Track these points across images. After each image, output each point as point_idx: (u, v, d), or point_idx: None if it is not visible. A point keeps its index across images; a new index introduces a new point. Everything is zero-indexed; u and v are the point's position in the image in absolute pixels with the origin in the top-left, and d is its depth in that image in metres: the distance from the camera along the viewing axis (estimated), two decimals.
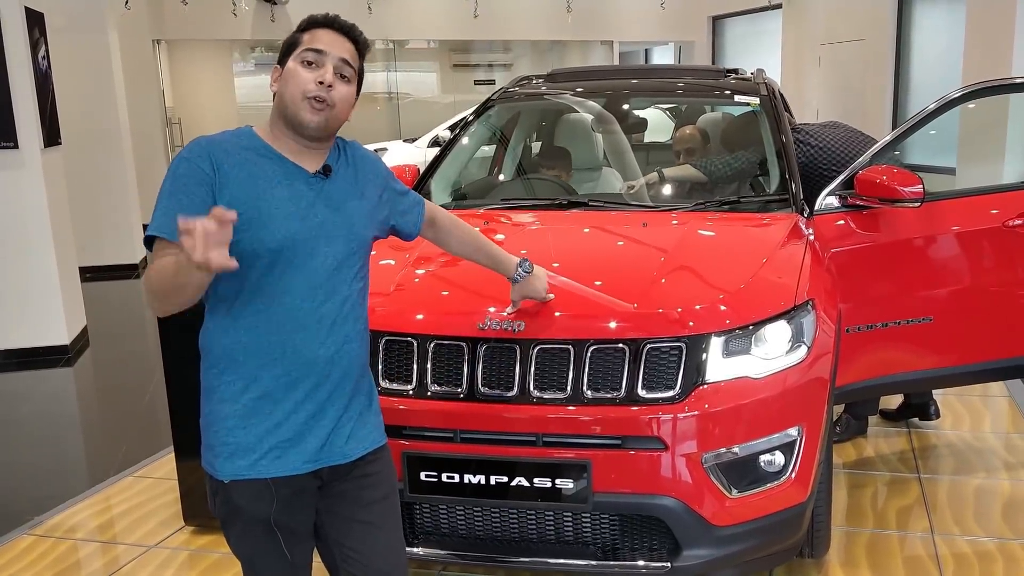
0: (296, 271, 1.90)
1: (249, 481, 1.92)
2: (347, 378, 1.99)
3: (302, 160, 1.95)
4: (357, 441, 2.02)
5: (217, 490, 1.98)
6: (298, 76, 1.91)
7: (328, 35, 1.94)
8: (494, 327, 2.56)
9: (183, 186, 1.84)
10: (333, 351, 1.94)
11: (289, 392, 1.92)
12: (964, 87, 3.73)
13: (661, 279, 2.81)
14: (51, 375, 5.96)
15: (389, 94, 13.81)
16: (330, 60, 1.92)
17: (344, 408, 1.99)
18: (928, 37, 9.50)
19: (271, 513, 1.95)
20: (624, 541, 2.61)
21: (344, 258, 1.96)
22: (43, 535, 3.61)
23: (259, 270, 1.87)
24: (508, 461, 2.55)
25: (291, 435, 1.93)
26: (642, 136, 5.73)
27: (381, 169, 2.15)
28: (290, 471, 1.94)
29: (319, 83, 1.89)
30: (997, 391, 4.87)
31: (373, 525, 2.06)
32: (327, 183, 1.96)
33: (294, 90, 1.90)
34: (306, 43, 1.93)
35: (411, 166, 4.04)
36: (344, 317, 1.97)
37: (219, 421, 1.93)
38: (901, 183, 3.31)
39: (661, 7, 13.76)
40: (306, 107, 1.90)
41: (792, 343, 2.64)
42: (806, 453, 2.63)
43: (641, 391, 2.50)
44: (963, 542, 3.35)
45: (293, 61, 1.92)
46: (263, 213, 1.86)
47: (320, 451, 1.96)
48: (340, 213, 1.96)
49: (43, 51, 6.35)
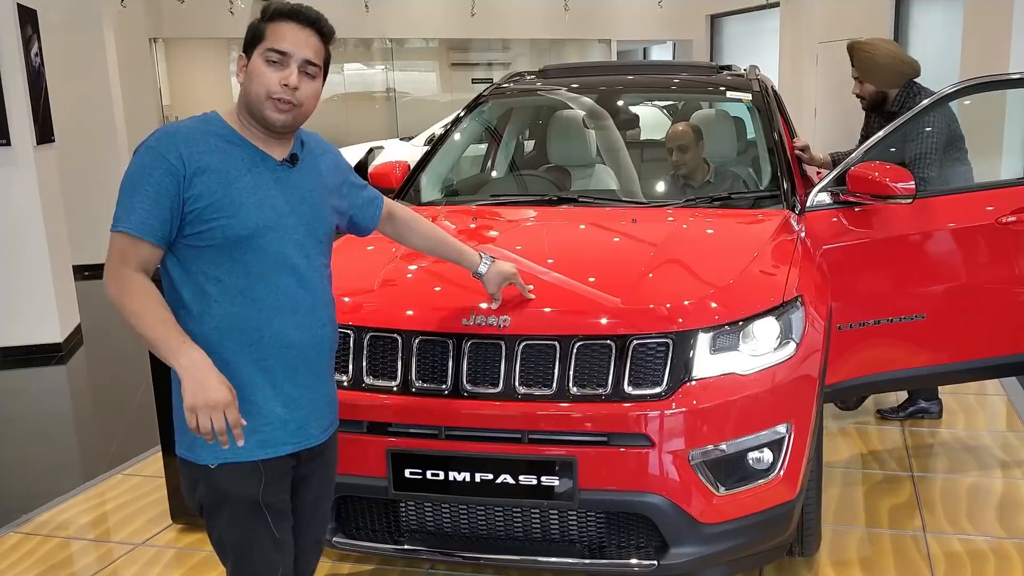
0: (267, 258, 1.92)
1: (237, 464, 1.95)
2: (322, 362, 2.06)
3: (268, 148, 1.97)
4: (328, 422, 2.12)
5: (200, 477, 1.98)
6: (263, 76, 1.90)
7: (293, 31, 1.92)
8: (479, 323, 2.54)
9: (149, 176, 1.84)
10: (309, 335, 2.00)
11: (269, 376, 1.95)
12: (958, 83, 3.71)
13: (649, 274, 2.79)
14: (44, 373, 5.94)
15: (387, 92, 13.78)
16: (295, 61, 1.91)
17: (320, 390, 2.06)
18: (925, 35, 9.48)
19: (259, 494, 1.97)
20: (611, 539, 2.59)
21: (313, 244, 2.01)
22: (31, 532, 3.58)
23: (231, 257, 1.89)
24: (493, 458, 2.52)
25: (274, 418, 1.97)
26: (637, 133, 5.71)
27: (341, 161, 2.19)
28: (276, 453, 1.98)
29: (284, 85, 1.89)
30: (992, 389, 4.85)
31: (318, 498, 2.18)
32: (293, 172, 1.99)
33: (259, 89, 1.90)
34: (270, 40, 1.91)
35: (401, 162, 4.03)
36: (317, 302, 2.02)
37: None
38: (893, 179, 3.28)
39: (659, 5, 13.74)
40: (271, 106, 1.91)
41: (781, 339, 2.62)
42: (794, 450, 2.61)
43: (628, 387, 2.48)
44: (956, 541, 3.33)
45: (258, 58, 1.91)
46: (234, 201, 1.88)
47: (299, 431, 2.02)
48: (307, 201, 2.00)
49: (36, 48, 6.32)
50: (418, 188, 3.85)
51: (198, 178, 1.85)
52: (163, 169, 1.84)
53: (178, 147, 1.86)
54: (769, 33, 12.94)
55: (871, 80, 4.16)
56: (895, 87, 4.14)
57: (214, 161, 1.88)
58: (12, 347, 6.11)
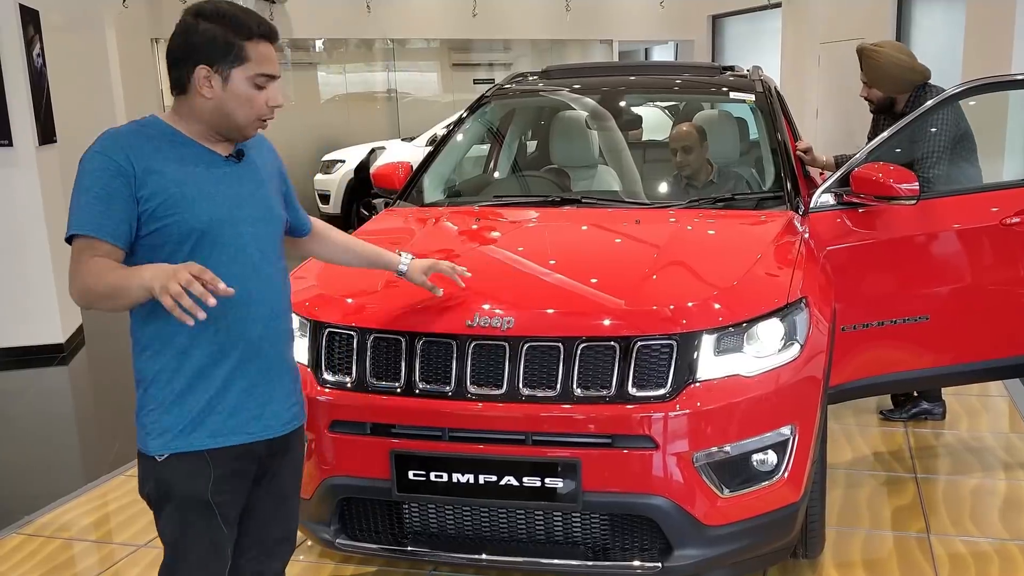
0: (222, 251, 1.94)
1: (184, 455, 1.96)
2: (277, 353, 2.07)
3: (212, 146, 2.00)
4: (289, 415, 2.11)
5: (149, 469, 1.99)
6: (254, 101, 1.95)
7: (269, 51, 1.97)
8: (483, 324, 2.53)
9: (99, 179, 1.86)
10: (263, 327, 2.01)
11: (221, 369, 1.97)
12: (962, 83, 3.69)
13: (653, 276, 2.78)
14: (46, 373, 5.94)
15: (388, 93, 13.77)
16: (276, 81, 1.97)
17: (277, 382, 2.06)
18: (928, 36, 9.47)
19: (208, 490, 1.97)
20: (615, 541, 2.58)
21: (266, 237, 2.04)
22: (33, 534, 3.58)
23: (185, 252, 1.90)
24: (497, 460, 2.52)
25: (226, 409, 1.98)
26: (640, 134, 5.71)
27: (280, 163, 2.22)
28: (226, 443, 1.98)
29: (271, 107, 1.97)
30: (996, 391, 4.84)
31: (284, 496, 2.18)
32: (240, 166, 2.02)
33: (247, 112, 1.95)
34: (258, 64, 1.94)
35: (404, 163, 4.02)
36: (272, 295, 2.04)
37: (153, 401, 1.98)
38: (897, 180, 3.28)
39: (661, 6, 13.73)
40: (257, 125, 1.99)
41: (785, 341, 2.61)
42: (799, 452, 2.60)
43: (632, 389, 2.47)
44: (959, 543, 3.32)
45: (244, 81, 1.93)
46: (186, 197, 1.90)
47: (253, 422, 2.02)
48: (257, 196, 2.03)
49: (38, 49, 6.32)
50: (421, 189, 3.85)
51: (148, 177, 1.87)
52: (112, 171, 1.85)
53: (125, 149, 1.88)
54: (771, 33, 12.93)
55: (878, 87, 4.15)
56: (903, 93, 4.13)
57: (162, 160, 1.90)
58: (14, 347, 6.11)
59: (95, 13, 8.56)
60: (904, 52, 4.24)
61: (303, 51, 13.34)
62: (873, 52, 4.14)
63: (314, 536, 2.81)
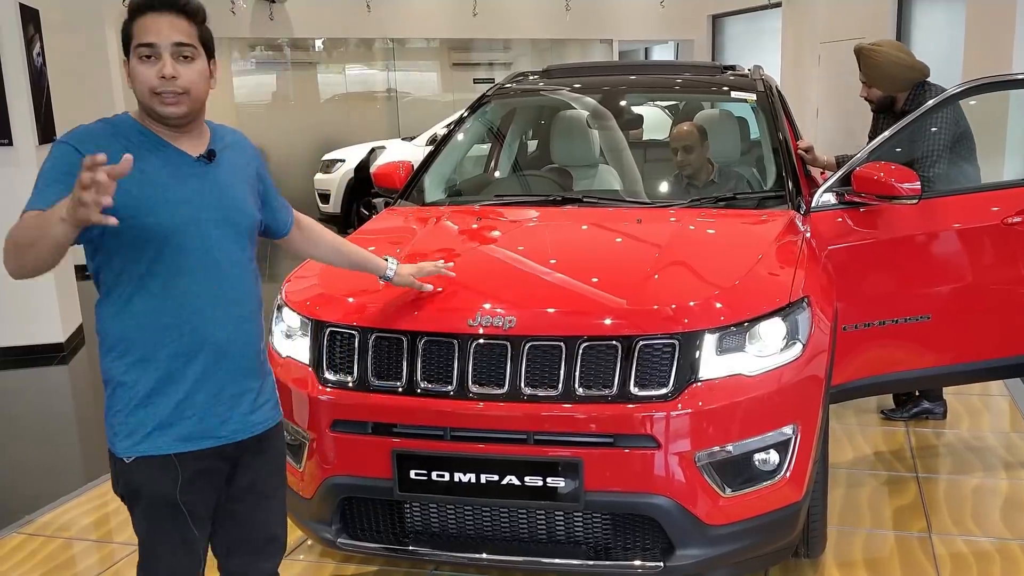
0: (188, 254, 1.91)
1: (151, 458, 1.95)
2: (245, 357, 2.04)
3: (181, 144, 1.96)
4: (260, 417, 2.08)
5: (120, 470, 1.99)
6: (140, 74, 1.88)
7: (154, 20, 1.88)
8: (485, 323, 2.53)
9: (63, 168, 1.82)
10: (230, 330, 1.98)
11: (188, 371, 1.95)
12: (963, 83, 3.69)
13: (655, 275, 2.78)
14: (46, 373, 5.93)
15: (388, 92, 13.77)
16: (164, 50, 1.88)
17: (245, 385, 2.04)
18: (928, 35, 9.46)
19: (176, 491, 1.96)
20: (617, 540, 2.58)
21: (235, 239, 2.00)
22: (33, 533, 3.58)
23: (151, 254, 1.88)
24: (499, 459, 2.51)
25: (195, 413, 1.96)
26: (640, 133, 5.70)
27: (259, 161, 2.19)
28: (195, 447, 1.97)
29: (162, 78, 1.87)
30: (996, 390, 4.83)
31: (265, 496, 2.15)
32: (211, 167, 1.98)
33: (142, 88, 1.89)
34: (137, 36, 1.89)
35: (405, 163, 4.02)
36: (239, 297, 2.01)
37: (120, 402, 1.96)
38: (899, 179, 3.28)
39: (661, 5, 13.72)
40: (158, 102, 1.89)
41: (787, 340, 2.61)
42: (801, 452, 2.60)
43: (634, 388, 2.47)
44: (961, 542, 3.32)
45: (133, 57, 1.89)
46: (152, 198, 1.87)
47: (221, 426, 2.00)
48: (226, 197, 1.99)
49: (38, 48, 6.31)
50: (421, 188, 3.85)
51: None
52: (77, 161, 1.78)
53: (95, 143, 1.84)
54: (771, 33, 12.92)
55: (878, 86, 4.15)
56: (903, 92, 4.13)
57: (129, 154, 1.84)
58: (14, 347, 6.10)
59: (95, 12, 8.55)
60: (903, 51, 4.24)
61: (303, 51, 13.34)
62: (872, 52, 4.14)
63: (315, 536, 2.81)
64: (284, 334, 2.86)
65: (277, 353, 2.86)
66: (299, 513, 2.81)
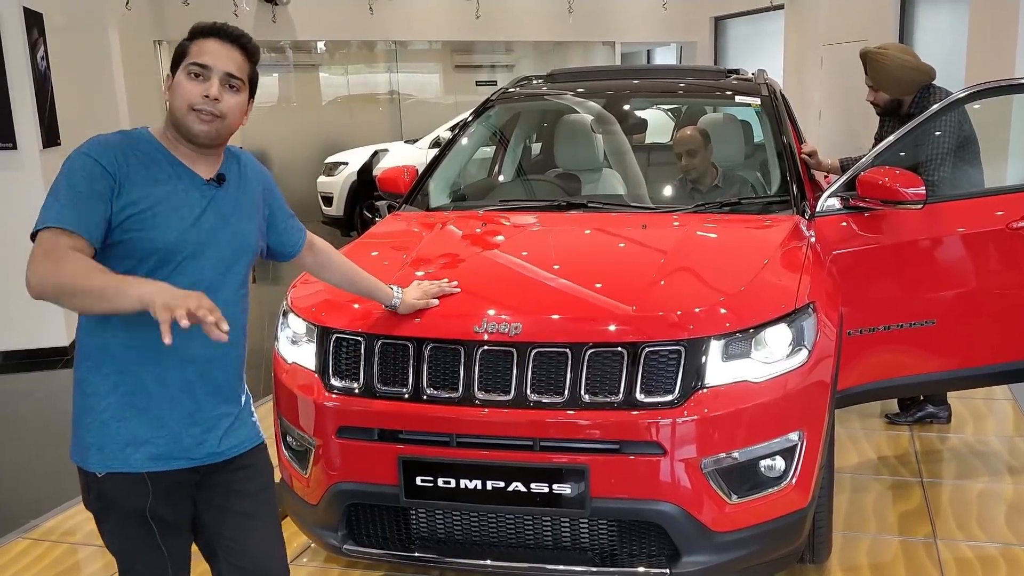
0: (181, 273, 1.92)
1: (123, 475, 1.94)
2: (225, 379, 2.03)
3: (196, 166, 1.98)
4: (238, 438, 2.07)
5: (90, 483, 1.98)
6: (183, 88, 1.92)
7: (215, 46, 1.94)
8: (491, 330, 2.53)
9: (84, 179, 1.84)
10: (213, 351, 1.96)
11: (167, 389, 1.94)
12: (969, 87, 3.69)
13: (660, 281, 2.78)
14: (50, 376, 5.93)
15: (390, 95, 13.77)
16: (215, 74, 1.93)
17: (222, 408, 2.03)
18: (931, 37, 9.45)
19: (147, 506, 1.96)
20: (622, 547, 2.58)
21: (230, 264, 2.01)
22: (39, 539, 3.58)
23: (145, 270, 1.88)
24: (505, 466, 2.51)
25: (169, 432, 1.96)
26: (643, 137, 5.70)
27: (271, 186, 2.20)
28: (166, 467, 1.96)
29: (205, 96, 1.91)
30: (1000, 394, 4.83)
31: (250, 516, 2.10)
32: (219, 191, 2.00)
33: (181, 102, 1.92)
34: (193, 55, 1.94)
35: (409, 167, 4.02)
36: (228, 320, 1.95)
37: (92, 414, 1.95)
38: (904, 184, 3.28)
39: (663, 8, 13.72)
40: (194, 118, 1.93)
41: (793, 346, 2.61)
42: (807, 458, 2.60)
43: (639, 395, 2.47)
44: (966, 547, 3.32)
45: (181, 72, 1.93)
46: (156, 215, 1.88)
47: (196, 448, 1.99)
48: (229, 222, 2.00)
49: (42, 51, 6.32)
50: (426, 193, 3.85)
51: (127, 187, 1.86)
52: (97, 173, 1.84)
53: (112, 155, 1.87)
54: (773, 35, 12.91)
55: (885, 89, 4.14)
56: (910, 95, 4.12)
57: (142, 174, 1.89)
58: (18, 350, 6.11)
59: (98, 15, 8.54)
60: (908, 53, 4.23)
61: (305, 53, 13.34)
62: (878, 55, 4.13)
63: (321, 542, 2.81)
64: (290, 340, 2.86)
65: (283, 359, 2.86)
66: (304, 519, 2.81)
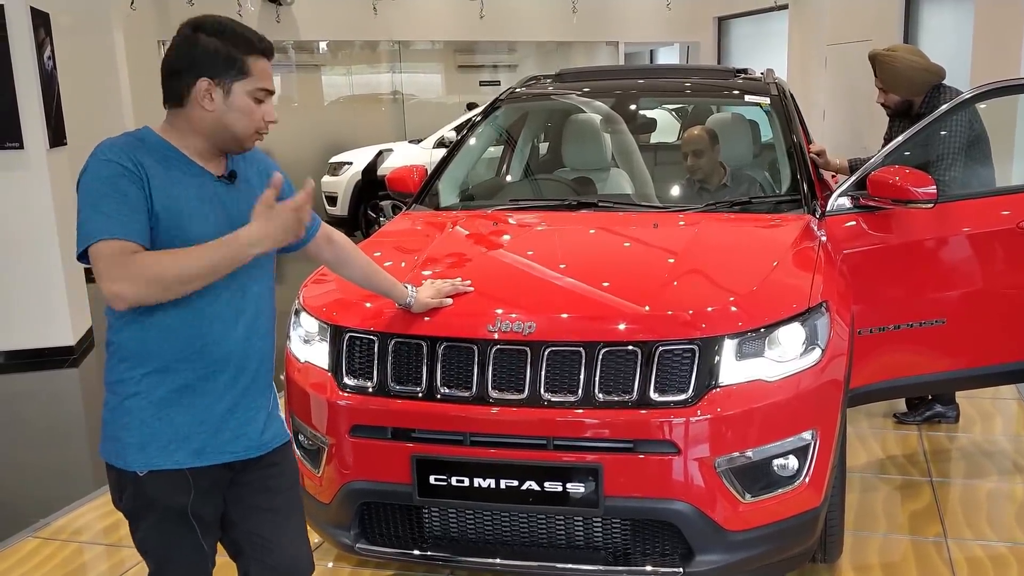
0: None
1: (166, 472, 1.95)
2: (261, 372, 2.07)
3: (206, 163, 1.99)
4: (272, 434, 2.10)
5: (126, 483, 1.98)
6: (253, 114, 1.97)
7: (267, 65, 1.99)
8: (504, 329, 2.53)
9: (115, 185, 1.83)
10: (248, 345, 2.01)
11: (208, 384, 1.96)
12: (977, 87, 3.69)
13: (673, 281, 2.78)
14: (57, 376, 5.94)
15: (394, 95, 13.78)
16: (272, 96, 2.01)
17: (259, 401, 2.06)
18: (936, 37, 9.44)
19: (188, 503, 1.97)
20: (635, 546, 2.58)
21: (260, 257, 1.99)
22: (48, 538, 3.58)
23: None
24: (518, 465, 2.51)
25: (210, 427, 1.97)
26: (649, 137, 5.70)
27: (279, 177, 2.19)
28: (208, 462, 1.98)
29: (267, 122, 1.99)
30: (1008, 394, 4.83)
31: (279, 513, 2.13)
32: (231, 188, 2.01)
33: (248, 125, 1.96)
34: (258, 79, 1.96)
35: (418, 167, 4.03)
36: (258, 312, 2.04)
37: (131, 414, 1.94)
38: (914, 184, 3.27)
39: (667, 8, 13.72)
40: (256, 137, 2.00)
41: (806, 345, 2.61)
42: (820, 457, 2.60)
43: (653, 394, 2.47)
44: (976, 546, 3.32)
45: (245, 95, 1.94)
46: (180, 213, 1.89)
47: (235, 442, 2.01)
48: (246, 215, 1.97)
49: (48, 51, 6.32)
50: (436, 193, 3.85)
51: (154, 189, 1.86)
52: (127, 177, 1.83)
53: (130, 155, 1.86)
54: (777, 35, 12.90)
55: (895, 91, 4.14)
56: (920, 95, 4.12)
57: (160, 172, 1.89)
58: (25, 350, 6.11)
59: (103, 15, 8.56)
60: (917, 54, 4.23)
61: (308, 53, 13.34)
62: (888, 57, 4.13)
63: (333, 540, 2.81)
64: (302, 339, 2.86)
65: (295, 358, 2.86)
66: (317, 518, 2.81)
